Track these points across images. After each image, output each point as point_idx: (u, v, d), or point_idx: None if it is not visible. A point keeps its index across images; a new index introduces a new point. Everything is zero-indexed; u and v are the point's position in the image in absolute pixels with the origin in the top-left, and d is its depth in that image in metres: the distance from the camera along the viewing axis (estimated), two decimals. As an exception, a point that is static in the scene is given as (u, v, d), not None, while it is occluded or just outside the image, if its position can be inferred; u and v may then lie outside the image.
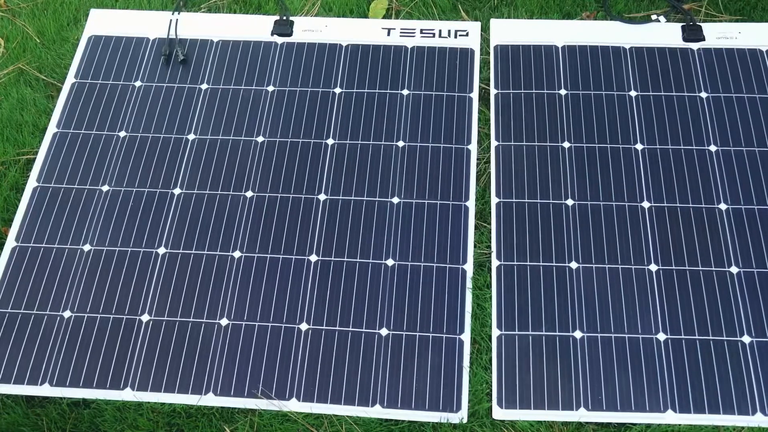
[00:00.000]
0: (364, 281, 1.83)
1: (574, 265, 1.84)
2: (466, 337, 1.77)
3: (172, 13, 2.27)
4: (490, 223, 1.91)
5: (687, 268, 1.82)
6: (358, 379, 1.72)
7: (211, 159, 2.02)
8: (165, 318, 1.80)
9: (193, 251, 1.88)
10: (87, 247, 1.89)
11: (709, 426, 1.66)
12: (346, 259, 1.86)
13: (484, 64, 2.18)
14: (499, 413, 1.68)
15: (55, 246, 1.90)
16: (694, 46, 2.17)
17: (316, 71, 2.17)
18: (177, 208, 1.94)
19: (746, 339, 1.73)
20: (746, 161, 1.96)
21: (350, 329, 1.78)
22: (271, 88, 2.14)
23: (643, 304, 1.78)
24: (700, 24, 2.20)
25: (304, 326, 1.78)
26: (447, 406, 1.69)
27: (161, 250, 1.88)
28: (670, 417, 1.66)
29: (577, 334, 1.75)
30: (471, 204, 1.93)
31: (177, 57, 2.19)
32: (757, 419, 1.65)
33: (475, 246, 1.88)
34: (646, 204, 1.91)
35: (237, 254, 1.87)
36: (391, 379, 1.72)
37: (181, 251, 1.88)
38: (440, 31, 2.23)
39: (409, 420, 1.69)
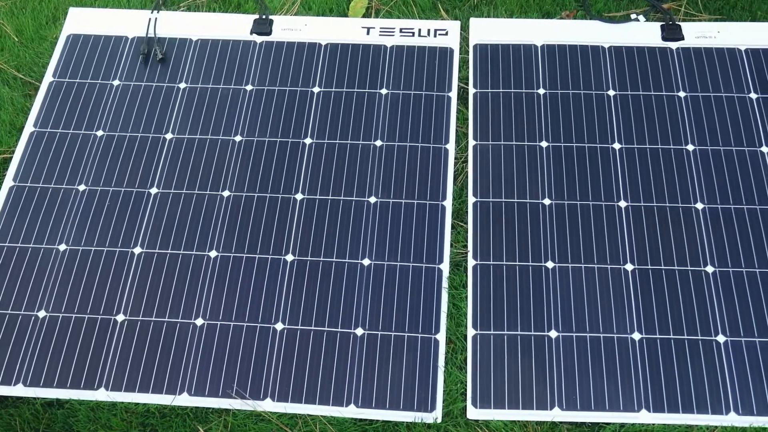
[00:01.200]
0: (339, 281, 1.83)
1: (550, 264, 1.84)
2: (441, 336, 1.76)
3: (151, 12, 2.27)
4: (466, 223, 1.90)
5: (662, 267, 1.82)
6: (332, 379, 1.72)
7: (189, 158, 2.01)
8: (140, 318, 1.79)
9: (169, 251, 1.88)
10: (63, 247, 1.89)
11: (682, 426, 1.65)
12: (322, 259, 1.86)
13: (464, 63, 2.18)
14: (473, 413, 1.68)
15: (31, 245, 1.89)
16: (673, 45, 2.17)
17: (295, 70, 2.16)
18: (153, 208, 1.93)
19: (721, 338, 1.73)
20: (723, 161, 1.96)
21: (325, 329, 1.77)
22: (249, 87, 2.13)
23: (618, 303, 1.78)
24: (680, 23, 2.20)
25: (279, 326, 1.78)
26: (421, 406, 1.69)
27: (137, 250, 1.88)
28: (644, 417, 1.66)
29: (553, 334, 1.75)
30: (448, 203, 1.93)
31: (155, 56, 2.18)
32: (731, 419, 1.65)
33: (451, 246, 1.88)
34: (622, 203, 1.91)
35: (213, 254, 1.87)
36: (366, 379, 1.72)
37: (157, 251, 1.88)
38: (420, 30, 2.22)
39: (383, 420, 1.68)
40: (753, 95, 2.07)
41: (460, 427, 1.68)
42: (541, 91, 2.09)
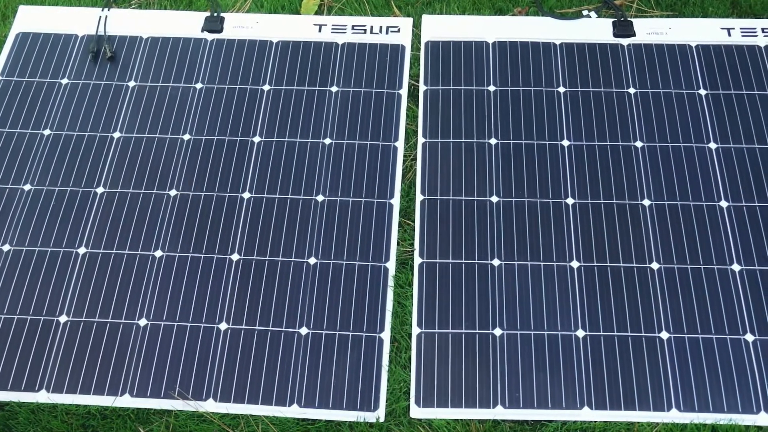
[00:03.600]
0: (285, 280, 1.82)
1: (496, 262, 1.83)
2: (385, 335, 1.76)
3: (102, 10, 2.25)
4: (414, 221, 1.90)
5: (608, 264, 1.82)
6: (276, 379, 1.71)
7: (136, 157, 2.00)
8: (83, 319, 1.78)
9: (113, 251, 1.86)
10: (6, 247, 1.87)
11: (624, 422, 1.65)
12: (267, 258, 1.85)
13: (415, 60, 2.17)
14: (416, 412, 1.68)
15: (-26, 246, 1.87)
16: (624, 41, 2.17)
17: (246, 68, 2.15)
18: (99, 208, 1.92)
19: (664, 335, 1.74)
20: (671, 157, 1.96)
21: (269, 328, 1.77)
22: (199, 86, 2.12)
23: (563, 301, 1.78)
24: (631, 20, 2.20)
25: (223, 326, 1.77)
26: (364, 405, 1.68)
27: (82, 250, 1.86)
28: (586, 414, 1.66)
29: (497, 332, 1.75)
30: (396, 201, 1.92)
31: (105, 54, 2.16)
32: (672, 415, 1.65)
33: (398, 244, 1.88)
34: (570, 200, 1.91)
35: (158, 253, 1.86)
36: (310, 379, 1.71)
37: (101, 251, 1.86)
38: (372, 27, 2.21)
39: (325, 419, 1.68)
40: (702, 91, 2.07)
41: (402, 426, 1.67)
42: (492, 88, 2.09)
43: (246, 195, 1.93)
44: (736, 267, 1.81)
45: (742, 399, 1.66)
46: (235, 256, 1.85)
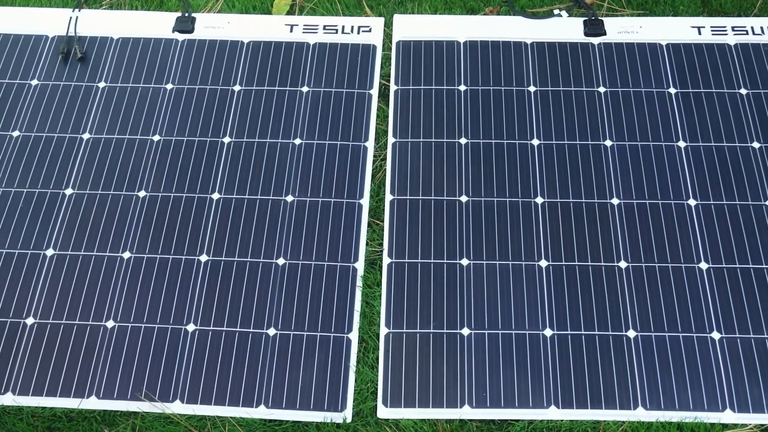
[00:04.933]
0: (253, 281, 1.82)
1: (465, 261, 1.83)
2: (353, 335, 1.76)
3: (72, 11, 2.24)
4: (383, 221, 1.90)
5: (576, 263, 1.82)
6: (243, 380, 1.71)
7: (105, 158, 1.99)
8: (50, 321, 1.77)
9: (82, 252, 1.86)
10: (-27, 250, 1.86)
11: (590, 421, 1.66)
12: (236, 259, 1.85)
13: (387, 60, 2.17)
14: (383, 412, 1.68)
15: (-60, 249, 1.86)
16: (595, 40, 2.17)
17: (216, 69, 2.14)
18: (68, 209, 1.91)
19: (631, 333, 1.74)
20: (640, 156, 1.97)
21: (237, 329, 1.76)
22: (169, 86, 2.11)
23: (531, 300, 1.78)
24: (602, 18, 2.20)
25: (191, 327, 1.77)
26: (331, 406, 1.68)
27: (49, 252, 1.86)
28: (553, 413, 1.66)
29: (465, 331, 1.75)
30: (365, 201, 1.92)
31: (75, 55, 2.16)
32: (638, 414, 1.65)
33: (367, 244, 1.88)
34: (539, 200, 1.91)
35: (126, 255, 1.85)
36: (277, 380, 1.71)
37: (69, 253, 1.86)
38: (343, 27, 2.21)
39: (292, 420, 1.67)
40: (672, 90, 2.07)
41: (369, 426, 1.67)
42: (462, 87, 2.09)
43: (215, 196, 1.93)
44: (703, 265, 1.81)
45: (708, 397, 1.66)
46: (203, 257, 1.85)
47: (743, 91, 2.06)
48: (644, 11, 2.24)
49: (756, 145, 1.98)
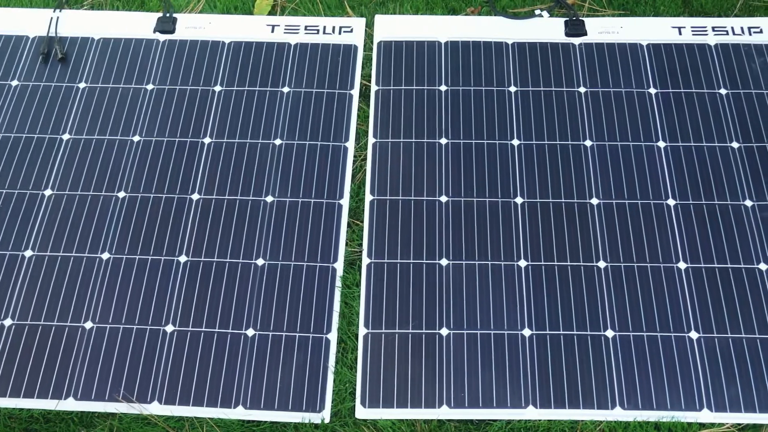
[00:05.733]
0: (232, 281, 1.81)
1: (444, 261, 1.83)
2: (332, 336, 1.76)
3: (53, 11, 2.23)
4: (363, 221, 1.90)
5: (556, 263, 1.83)
6: (221, 381, 1.71)
7: (85, 159, 1.99)
8: (28, 322, 1.77)
9: (60, 253, 1.85)
10: (-49, 251, 1.86)
11: (568, 421, 1.66)
12: (216, 260, 1.85)
13: (368, 60, 2.17)
14: (362, 412, 1.68)
15: None
16: (576, 41, 2.17)
17: (197, 69, 2.14)
18: (47, 210, 1.91)
19: (609, 333, 1.74)
20: (620, 156, 1.97)
21: (216, 330, 1.76)
22: (150, 87, 2.11)
23: (510, 300, 1.78)
24: (583, 19, 2.20)
25: (170, 328, 1.76)
26: (310, 407, 1.68)
27: (28, 253, 1.85)
28: (531, 412, 1.66)
29: (444, 332, 1.75)
30: (345, 202, 1.92)
31: (56, 55, 2.15)
32: (616, 413, 1.66)
33: (347, 244, 1.88)
34: (519, 200, 1.91)
35: (105, 256, 1.85)
36: (255, 380, 1.71)
37: (48, 254, 1.85)
38: (324, 27, 2.21)
39: (270, 421, 1.67)
40: (652, 90, 2.08)
41: (348, 426, 1.67)
42: (443, 87, 2.09)
43: (195, 196, 1.93)
44: (681, 265, 1.82)
45: (686, 396, 1.67)
46: (182, 258, 1.84)
47: (723, 91, 2.07)
48: (625, 11, 2.24)
49: (735, 145, 1.98)
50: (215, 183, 1.95)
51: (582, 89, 2.08)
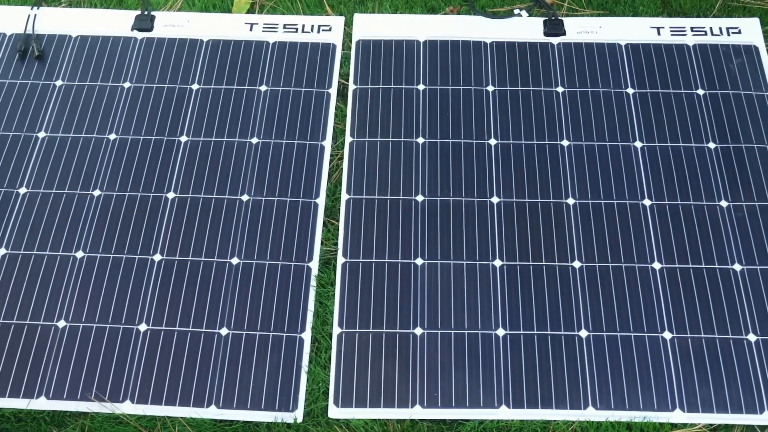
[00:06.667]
0: (206, 281, 1.81)
1: (419, 261, 1.83)
2: (306, 335, 1.75)
3: (31, 8, 2.22)
4: (339, 220, 1.89)
5: (531, 263, 1.83)
6: (194, 380, 1.70)
7: (60, 157, 1.98)
8: (0, 321, 1.76)
9: (34, 252, 1.85)
10: (-76, 249, 1.85)
11: (540, 421, 1.66)
12: (190, 258, 1.84)
13: (346, 59, 2.16)
14: (334, 412, 1.67)
15: None
16: (555, 40, 2.17)
17: (175, 67, 2.13)
18: (21, 208, 1.90)
19: (583, 333, 1.74)
20: (597, 156, 1.97)
21: (190, 329, 1.76)
22: (127, 85, 2.10)
23: (485, 299, 1.78)
24: (562, 19, 2.20)
25: (143, 327, 1.76)
26: (283, 406, 1.68)
27: (1, 251, 1.85)
28: (503, 412, 1.66)
29: (418, 331, 1.75)
30: (321, 201, 1.92)
31: (33, 53, 2.14)
32: (588, 413, 1.66)
33: (322, 243, 1.87)
34: (495, 199, 1.91)
35: (80, 254, 1.84)
36: (228, 379, 1.70)
37: (22, 252, 1.85)
38: (303, 26, 2.21)
39: (243, 420, 1.67)
40: (630, 90, 2.08)
41: (320, 426, 1.67)
42: (421, 86, 2.09)
43: (170, 195, 1.92)
44: (656, 265, 1.82)
45: (658, 396, 1.67)
46: (157, 257, 1.84)
47: (700, 92, 2.07)
48: (604, 11, 2.24)
49: (712, 145, 1.98)
50: (191, 182, 1.94)
51: (560, 89, 2.08)
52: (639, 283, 1.80)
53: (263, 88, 2.10)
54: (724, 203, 1.90)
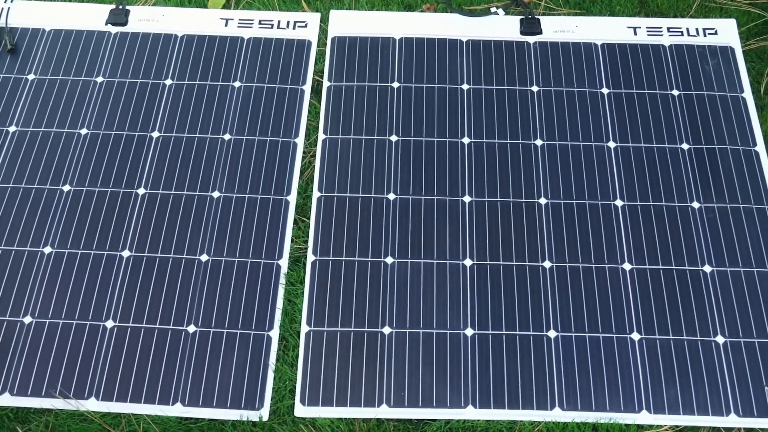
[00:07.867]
0: (175, 277, 1.80)
1: (389, 260, 1.82)
2: (274, 333, 1.75)
3: (5, 1, 2.20)
4: (310, 218, 1.88)
5: (501, 262, 1.82)
6: (160, 377, 1.69)
7: (31, 152, 1.97)
8: (-34, 316, 1.74)
9: (2, 247, 1.83)
10: None
11: (506, 421, 1.65)
12: (159, 255, 1.83)
13: (321, 56, 2.15)
14: (300, 410, 1.67)
15: None
16: (531, 39, 2.17)
17: (148, 62, 2.12)
18: (-10, 203, 1.89)
19: (552, 334, 1.74)
20: (570, 156, 1.97)
21: (157, 326, 1.75)
22: (100, 79, 2.09)
23: (454, 299, 1.77)
24: (539, 17, 2.19)
25: (110, 323, 1.75)
26: (249, 404, 1.67)
27: (-31, 246, 1.83)
28: (470, 413, 1.66)
29: (386, 330, 1.74)
30: (292, 198, 1.91)
31: (5, 46, 2.13)
32: (555, 414, 1.65)
33: (292, 241, 1.86)
34: (467, 198, 1.90)
35: (48, 250, 1.83)
36: (195, 377, 1.69)
37: (-11, 247, 1.83)
38: (279, 22, 2.20)
39: (208, 418, 1.66)
40: (605, 90, 2.07)
41: (286, 425, 1.66)
42: (396, 84, 2.08)
43: (141, 191, 1.91)
44: (627, 266, 1.81)
45: (625, 397, 1.67)
46: (126, 253, 1.83)
47: (675, 93, 2.07)
48: (581, 11, 2.24)
49: (685, 146, 1.98)
50: (162, 178, 1.93)
51: (535, 88, 2.07)
52: (609, 283, 1.79)
53: (237, 84, 2.09)
54: (695, 204, 1.89)
